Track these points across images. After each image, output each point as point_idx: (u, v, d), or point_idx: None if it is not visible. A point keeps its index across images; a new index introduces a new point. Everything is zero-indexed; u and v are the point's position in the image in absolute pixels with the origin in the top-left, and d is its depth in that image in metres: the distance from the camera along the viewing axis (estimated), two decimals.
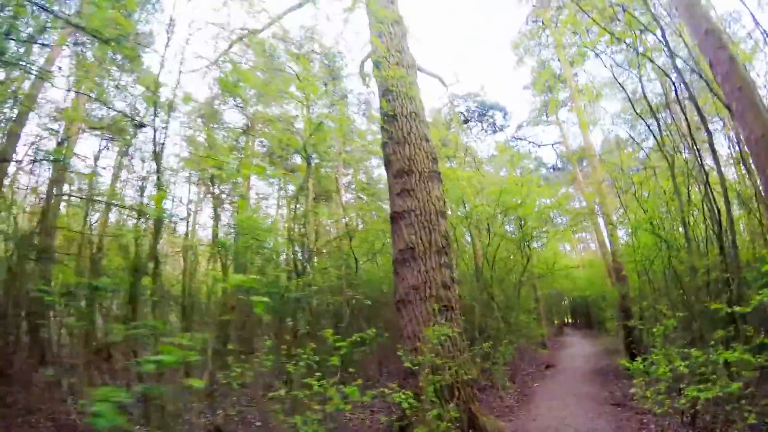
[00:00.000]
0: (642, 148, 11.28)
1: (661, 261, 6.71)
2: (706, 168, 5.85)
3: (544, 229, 11.37)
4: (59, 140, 8.83)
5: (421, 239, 6.55)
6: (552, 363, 15.05)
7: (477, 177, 10.13)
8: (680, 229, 6.48)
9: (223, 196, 11.88)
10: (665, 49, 5.73)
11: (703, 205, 5.94)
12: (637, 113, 7.26)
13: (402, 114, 7.34)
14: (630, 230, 8.01)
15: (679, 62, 5.95)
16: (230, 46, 10.95)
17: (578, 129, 19.81)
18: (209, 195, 12.08)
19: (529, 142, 20.42)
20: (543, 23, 17.51)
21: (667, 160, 6.30)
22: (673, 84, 6.06)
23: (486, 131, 20.72)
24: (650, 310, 7.64)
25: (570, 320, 42.58)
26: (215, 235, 8.83)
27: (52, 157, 8.01)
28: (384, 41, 8.37)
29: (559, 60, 18.42)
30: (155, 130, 6.62)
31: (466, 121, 19.60)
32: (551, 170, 21.90)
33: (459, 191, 9.53)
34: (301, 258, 7.23)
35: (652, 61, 6.25)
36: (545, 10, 17.20)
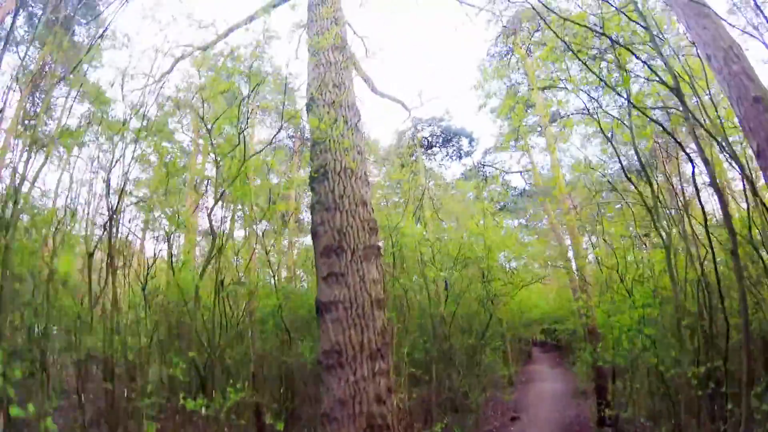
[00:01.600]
0: (615, 188, 10.19)
1: (645, 360, 5.52)
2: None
3: (509, 281, 10.12)
4: None
5: (350, 340, 5.08)
6: (517, 413, 13.93)
7: (434, 227, 8.79)
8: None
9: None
10: (685, 115, 4.35)
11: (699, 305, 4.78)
12: (636, 187, 5.88)
13: (334, 171, 5.85)
14: (611, 315, 6.77)
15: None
16: (175, 63, 9.49)
17: (548, 155, 18.99)
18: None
19: (496, 168, 19.34)
20: (512, 48, 16.49)
21: (663, 240, 5.09)
22: (692, 164, 4.76)
23: (451, 157, 19.55)
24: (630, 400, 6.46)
25: (539, 338, 41.93)
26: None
27: None
28: (320, 72, 6.90)
29: (528, 84, 17.47)
30: None
31: (429, 147, 18.42)
32: (519, 195, 20.93)
33: (412, 246, 8.16)
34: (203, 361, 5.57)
35: (667, 131, 4.98)
36: (515, 33, 16.15)
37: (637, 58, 4.70)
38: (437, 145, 19.09)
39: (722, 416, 4.68)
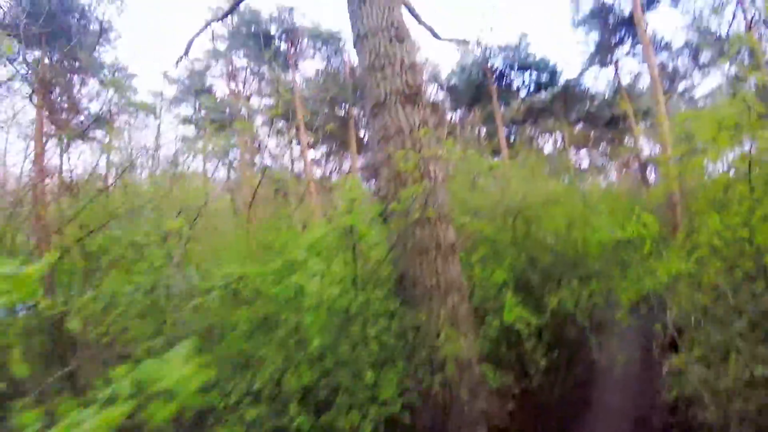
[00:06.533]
0: None
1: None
2: None
3: None
4: None
5: None
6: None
7: None
8: None
9: None
10: None
11: None
12: None
13: None
14: None
15: None
16: (200, 31, 9.67)
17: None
18: None
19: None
20: None
21: None
22: None
23: (529, 90, 17.44)
24: None
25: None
26: None
27: None
28: None
29: None
30: None
31: (501, 77, 16.45)
32: None
33: None
34: None
35: None
36: None
37: None
38: (510, 74, 17.03)
39: None
